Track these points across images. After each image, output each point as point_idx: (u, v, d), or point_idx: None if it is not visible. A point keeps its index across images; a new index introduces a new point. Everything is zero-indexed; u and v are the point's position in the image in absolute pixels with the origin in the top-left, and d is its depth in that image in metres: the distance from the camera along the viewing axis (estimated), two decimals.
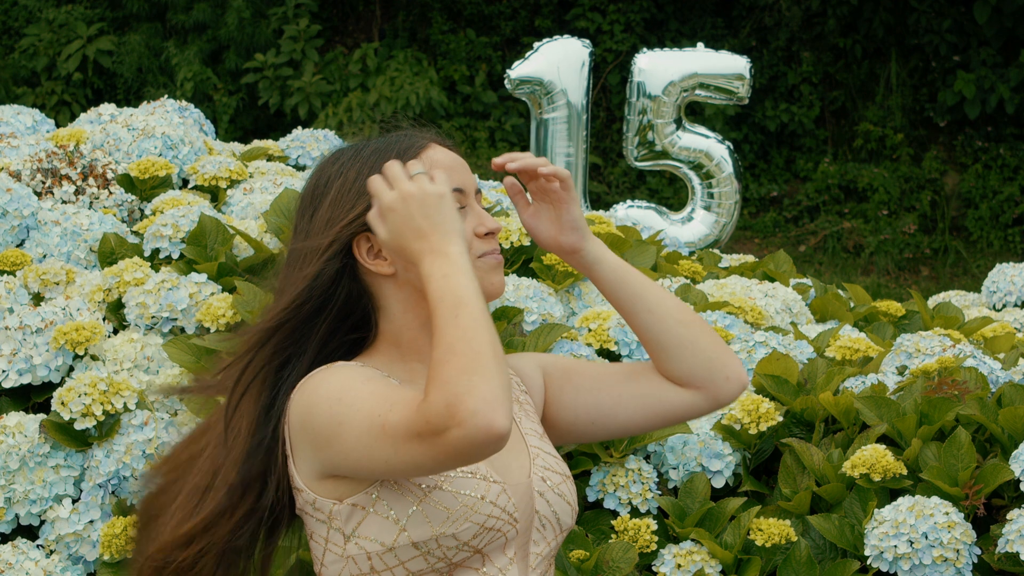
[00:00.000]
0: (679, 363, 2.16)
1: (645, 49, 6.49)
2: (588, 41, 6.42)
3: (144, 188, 4.09)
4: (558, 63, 6.28)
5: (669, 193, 11.95)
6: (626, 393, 2.19)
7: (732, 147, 6.46)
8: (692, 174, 6.36)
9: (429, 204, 1.94)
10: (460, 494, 1.95)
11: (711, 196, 6.34)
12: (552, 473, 2.08)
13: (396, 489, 1.94)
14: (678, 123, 6.30)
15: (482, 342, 1.83)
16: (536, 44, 6.38)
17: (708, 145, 6.33)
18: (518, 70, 6.29)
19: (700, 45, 6.49)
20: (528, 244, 3.77)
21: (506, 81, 6.34)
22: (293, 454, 1.99)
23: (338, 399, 1.91)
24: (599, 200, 11.86)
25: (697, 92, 6.28)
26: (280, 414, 2.02)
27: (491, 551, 1.99)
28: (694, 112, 12.07)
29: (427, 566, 1.95)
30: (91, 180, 4.05)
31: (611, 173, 12.40)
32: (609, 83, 12.67)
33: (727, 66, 6.28)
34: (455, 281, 1.89)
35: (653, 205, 6.48)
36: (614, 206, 6.51)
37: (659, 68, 6.27)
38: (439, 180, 1.97)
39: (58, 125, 4.83)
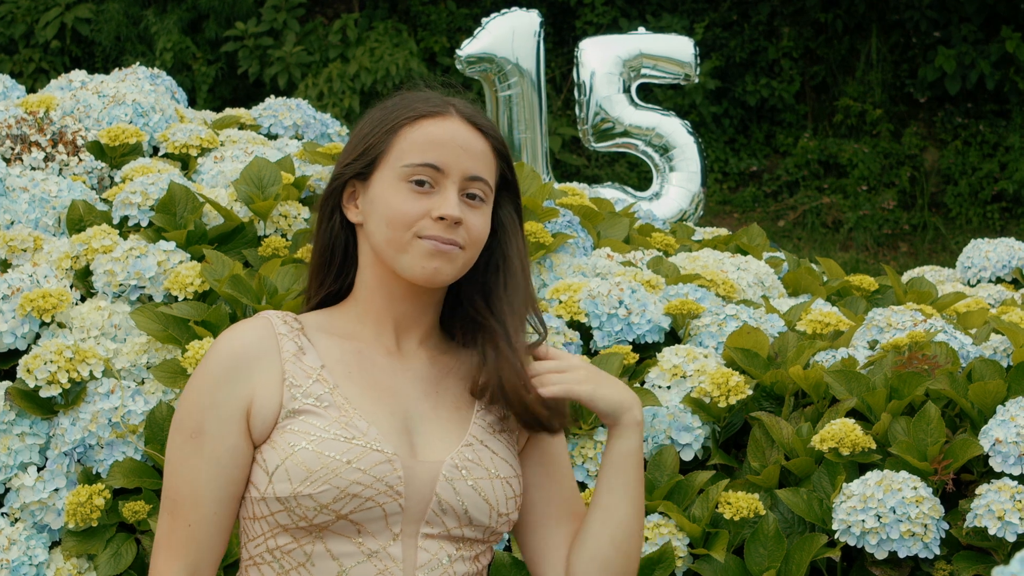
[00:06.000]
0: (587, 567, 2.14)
1: (587, 39, 6.50)
2: (537, 11, 6.28)
3: (114, 155, 4.05)
4: (509, 37, 6.14)
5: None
6: (546, 538, 2.16)
7: (689, 124, 6.46)
8: (650, 151, 6.35)
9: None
10: (323, 455, 1.94)
11: (672, 170, 6.33)
12: (477, 467, 2.04)
13: (270, 444, 1.98)
14: (630, 100, 6.30)
15: None
16: (484, 20, 6.21)
17: (658, 121, 6.32)
18: (467, 49, 6.13)
19: (641, 29, 6.54)
20: None
21: (456, 62, 6.14)
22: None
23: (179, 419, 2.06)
24: (578, 172, 11.83)
25: (644, 71, 6.28)
26: None
27: (368, 522, 1.96)
28: (675, 88, 12.04)
29: (291, 523, 1.96)
30: (61, 147, 4.02)
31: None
32: None
33: (671, 48, 6.29)
34: None
35: (619, 186, 6.45)
36: (582, 186, 6.47)
37: (604, 50, 6.27)
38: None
39: (34, 92, 4.78)
